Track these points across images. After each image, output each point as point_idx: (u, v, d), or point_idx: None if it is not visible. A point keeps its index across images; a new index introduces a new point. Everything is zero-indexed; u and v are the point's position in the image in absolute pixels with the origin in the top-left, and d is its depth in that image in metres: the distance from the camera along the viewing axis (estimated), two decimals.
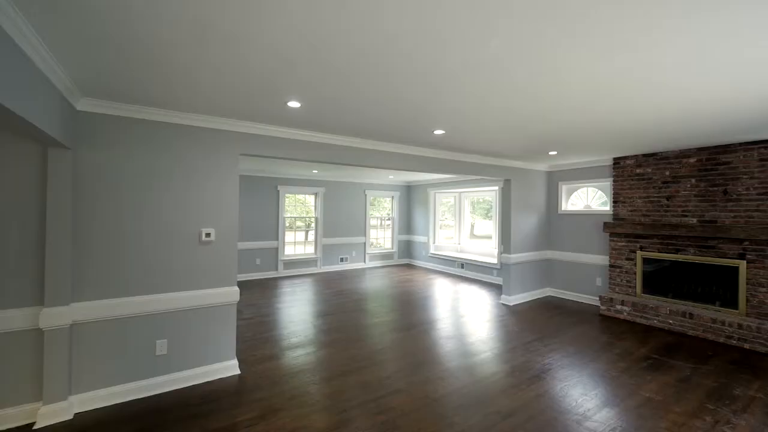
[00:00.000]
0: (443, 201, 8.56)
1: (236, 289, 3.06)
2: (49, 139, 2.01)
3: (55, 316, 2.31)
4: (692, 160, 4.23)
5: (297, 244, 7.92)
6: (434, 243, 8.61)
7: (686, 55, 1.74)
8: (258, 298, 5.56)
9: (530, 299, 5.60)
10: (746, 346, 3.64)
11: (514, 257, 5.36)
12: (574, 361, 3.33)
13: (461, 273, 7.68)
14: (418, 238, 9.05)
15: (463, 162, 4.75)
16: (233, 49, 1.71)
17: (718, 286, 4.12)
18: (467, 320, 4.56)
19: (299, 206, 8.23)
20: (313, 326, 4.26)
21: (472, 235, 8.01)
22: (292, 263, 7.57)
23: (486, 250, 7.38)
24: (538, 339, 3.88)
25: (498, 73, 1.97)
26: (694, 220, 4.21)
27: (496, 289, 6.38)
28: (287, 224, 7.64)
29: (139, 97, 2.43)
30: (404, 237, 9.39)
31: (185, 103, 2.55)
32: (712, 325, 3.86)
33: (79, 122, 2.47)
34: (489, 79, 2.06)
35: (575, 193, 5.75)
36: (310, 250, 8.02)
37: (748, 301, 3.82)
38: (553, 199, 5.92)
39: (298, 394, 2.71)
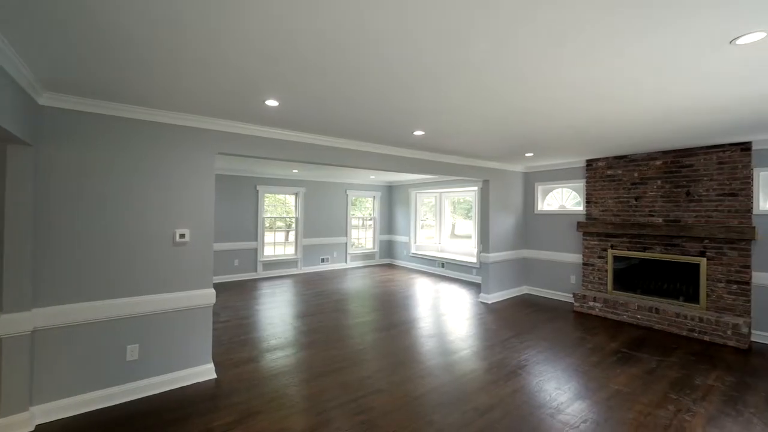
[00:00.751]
0: (424, 201, 8.63)
1: (212, 291, 2.98)
2: (6, 134, 1.90)
3: (14, 323, 2.18)
4: (658, 163, 4.45)
5: (277, 245, 7.79)
6: (415, 243, 8.67)
7: (649, 70, 1.83)
8: (236, 301, 5.43)
9: (508, 297, 5.73)
10: (706, 338, 3.86)
11: (493, 256, 5.48)
12: (549, 356, 3.44)
13: (442, 272, 7.77)
14: (400, 238, 9.09)
15: (443, 162, 4.81)
16: (212, 45, 1.67)
17: (681, 283, 4.35)
18: (447, 319, 4.62)
19: (279, 206, 8.10)
20: (292, 328, 4.20)
21: (453, 235, 8.12)
22: (271, 264, 7.44)
23: (466, 249, 7.50)
24: (515, 336, 3.98)
25: (476, 75, 2.01)
26: (660, 220, 4.43)
27: (476, 287, 6.49)
28: (267, 224, 7.50)
29: (107, 93, 2.32)
30: (386, 237, 9.41)
31: (158, 100, 2.46)
32: (676, 319, 4.08)
33: (42, 118, 2.34)
34: (468, 81, 2.10)
35: (551, 194, 5.93)
36: (290, 250, 7.91)
37: (708, 296, 4.05)
38: (529, 199, 6.09)
39: (277, 396, 2.67)
